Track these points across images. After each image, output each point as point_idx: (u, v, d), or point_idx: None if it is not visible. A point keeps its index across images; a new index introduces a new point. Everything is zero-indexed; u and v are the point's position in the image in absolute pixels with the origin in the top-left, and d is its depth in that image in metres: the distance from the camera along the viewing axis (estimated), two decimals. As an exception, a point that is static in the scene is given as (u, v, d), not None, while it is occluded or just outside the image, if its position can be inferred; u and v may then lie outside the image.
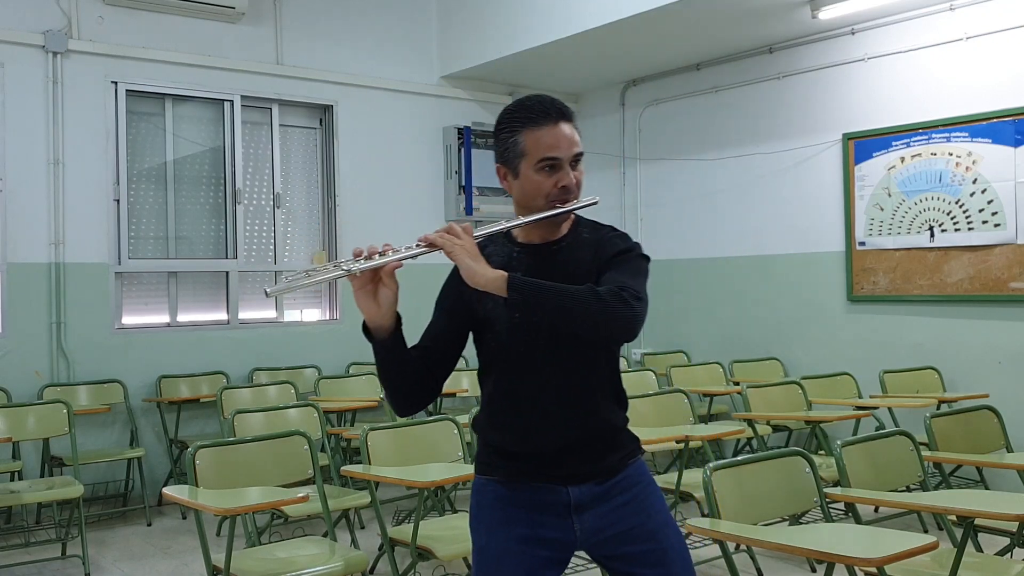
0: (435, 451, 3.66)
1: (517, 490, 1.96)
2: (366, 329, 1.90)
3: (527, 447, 1.96)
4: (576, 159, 1.94)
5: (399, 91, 6.82)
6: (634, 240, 2.01)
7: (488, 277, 1.80)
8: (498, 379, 1.99)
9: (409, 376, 1.95)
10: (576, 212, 1.98)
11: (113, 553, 4.62)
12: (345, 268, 1.81)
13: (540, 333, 1.92)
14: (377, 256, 1.86)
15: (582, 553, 2.06)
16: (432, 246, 1.84)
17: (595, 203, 1.98)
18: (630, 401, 2.08)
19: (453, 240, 1.83)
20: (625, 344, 2.08)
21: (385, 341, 1.89)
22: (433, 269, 1.93)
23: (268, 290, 1.82)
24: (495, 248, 2.01)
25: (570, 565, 3.95)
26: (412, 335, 2.01)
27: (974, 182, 5.23)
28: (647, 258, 1.96)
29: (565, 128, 1.92)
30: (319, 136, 6.66)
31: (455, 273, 1.95)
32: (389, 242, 1.93)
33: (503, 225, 1.94)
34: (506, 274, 1.80)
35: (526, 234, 2.01)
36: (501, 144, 1.96)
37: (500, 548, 1.95)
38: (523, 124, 1.92)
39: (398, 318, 1.91)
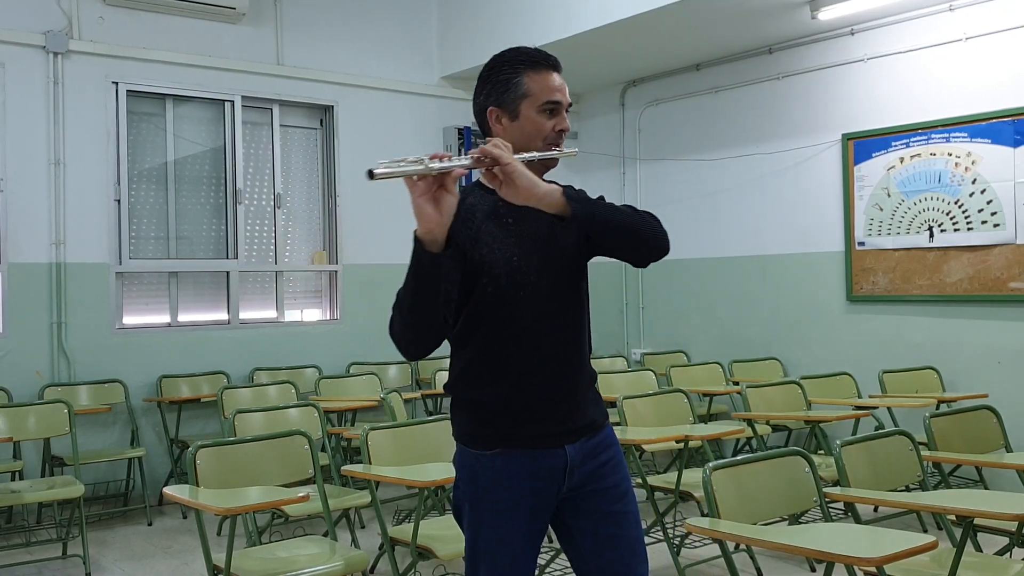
0: (435, 451, 3.66)
1: (517, 461, 1.95)
2: (418, 242, 1.80)
3: (525, 396, 1.95)
4: (567, 108, 2.03)
5: (399, 91, 6.82)
6: None
7: (546, 190, 1.81)
8: (492, 328, 1.94)
9: (437, 306, 1.84)
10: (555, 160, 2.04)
11: (114, 553, 4.63)
12: (425, 165, 1.76)
13: (541, 274, 1.95)
14: (446, 159, 1.81)
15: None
16: (487, 155, 1.81)
17: (575, 154, 2.06)
18: (630, 400, 2.11)
19: (506, 153, 1.82)
20: (625, 343, 2.10)
21: (437, 255, 1.79)
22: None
23: (374, 171, 1.70)
24: (476, 199, 1.99)
25: (560, 565, 3.96)
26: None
27: (973, 182, 5.24)
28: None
29: (559, 77, 2.01)
30: (319, 136, 6.67)
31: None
32: (443, 152, 1.91)
33: (529, 155, 1.92)
34: (561, 187, 1.83)
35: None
36: (500, 85, 1.99)
37: (507, 530, 1.96)
38: (525, 67, 1.98)
39: (450, 238, 1.82)
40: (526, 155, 1.90)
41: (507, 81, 1.98)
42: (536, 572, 2.06)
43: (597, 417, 2.05)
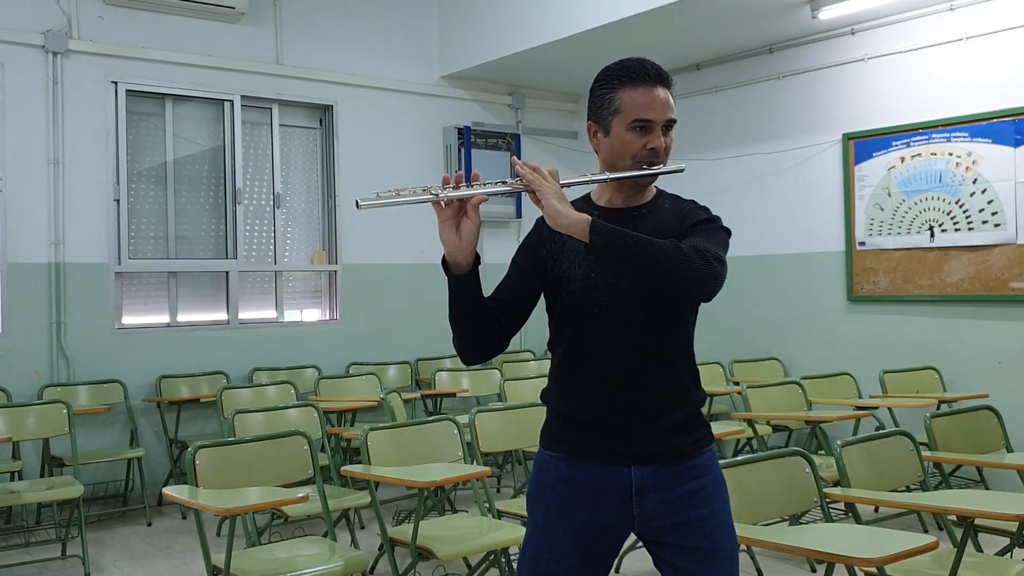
0: (435, 451, 3.66)
1: (579, 469, 1.94)
2: (445, 264, 1.88)
3: (595, 413, 1.93)
4: (668, 125, 1.94)
5: (399, 91, 6.82)
6: (716, 214, 2.00)
7: (572, 219, 1.79)
8: (570, 341, 1.96)
9: (480, 319, 1.91)
10: (659, 181, 2.00)
11: (113, 553, 4.62)
12: (433, 194, 1.78)
13: (616, 293, 1.92)
14: (464, 187, 1.82)
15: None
16: (522, 180, 1.81)
17: (681, 170, 1.97)
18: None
19: (540, 180, 1.82)
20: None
21: (461, 277, 1.86)
22: (431, 269, 1.91)
23: (360, 200, 1.74)
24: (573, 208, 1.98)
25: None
26: (412, 338, 2.02)
27: (974, 182, 5.23)
28: (728, 231, 1.97)
29: (661, 92, 1.93)
30: (319, 136, 6.66)
31: (535, 229, 1.96)
32: (471, 176, 1.88)
33: (588, 177, 1.93)
34: (589, 218, 1.79)
35: (607, 197, 2.00)
36: (596, 101, 1.97)
37: (557, 531, 1.94)
38: (621, 82, 1.93)
39: (477, 257, 1.88)
40: (574, 180, 1.91)
41: (602, 96, 1.96)
42: None
43: (683, 446, 1.94)
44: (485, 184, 1.84)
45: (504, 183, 1.86)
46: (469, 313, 1.90)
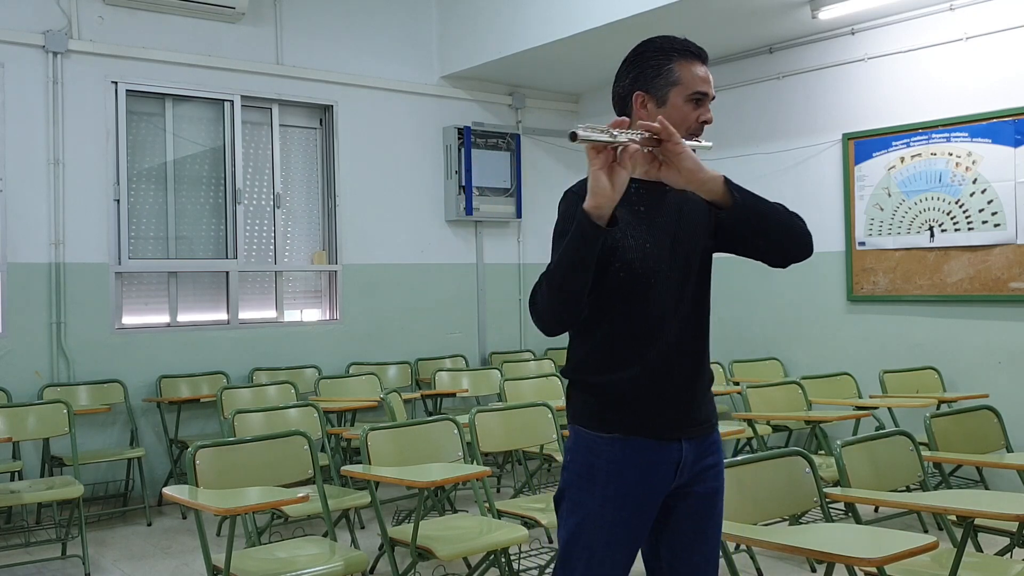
0: (435, 451, 3.66)
1: (635, 448, 1.95)
2: (585, 216, 1.77)
3: (653, 383, 1.95)
4: (711, 100, 2.03)
5: (399, 91, 6.82)
6: None
7: (711, 175, 1.82)
8: (621, 314, 1.95)
9: (588, 282, 1.83)
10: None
11: (113, 553, 4.62)
12: (612, 135, 1.73)
13: (671, 264, 1.96)
14: (625, 132, 1.78)
15: None
16: (656, 133, 1.78)
17: (710, 147, 2.03)
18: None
19: (678, 136, 1.81)
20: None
21: (602, 231, 1.77)
22: (432, 269, 1.90)
23: (578, 131, 1.68)
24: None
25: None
26: (412, 338, 2.01)
27: (974, 182, 5.23)
28: None
29: (707, 70, 2.04)
30: (319, 136, 6.66)
31: (575, 203, 1.86)
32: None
33: (696, 142, 1.95)
34: (723, 177, 1.83)
35: (643, 169, 1.94)
36: (650, 70, 2.00)
37: (614, 515, 1.95)
38: (678, 55, 1.99)
39: (614, 216, 1.80)
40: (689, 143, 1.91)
41: (658, 67, 1.99)
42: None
43: (712, 417, 2.06)
44: (635, 134, 1.79)
45: (646, 129, 1.80)
46: (586, 273, 1.81)
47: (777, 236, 1.92)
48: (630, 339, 1.96)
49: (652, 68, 2.00)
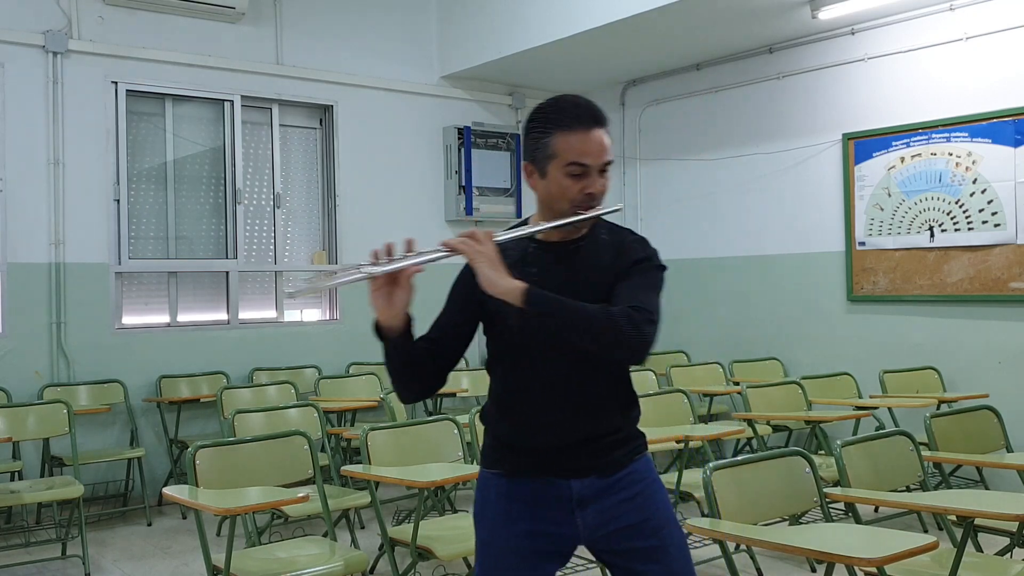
0: (435, 451, 3.66)
1: (520, 484, 1.98)
2: (377, 326, 1.93)
3: (531, 441, 1.97)
4: (605, 167, 1.92)
5: (399, 91, 6.82)
6: (652, 247, 2.01)
7: (506, 287, 1.80)
8: (506, 372, 2.02)
9: (414, 371, 1.98)
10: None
11: (113, 553, 4.62)
12: (366, 272, 1.82)
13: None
14: (396, 258, 1.86)
15: (583, 551, 2.07)
16: (453, 251, 1.83)
17: (618, 210, 1.98)
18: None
19: (474, 246, 1.83)
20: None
21: (394, 340, 1.92)
22: (431, 269, 1.91)
23: (290, 290, 1.84)
24: (509, 244, 1.98)
25: (570, 564, 3.94)
26: (419, 333, 2.02)
27: (974, 182, 5.23)
28: (664, 268, 1.98)
29: (597, 135, 1.90)
30: (319, 136, 6.66)
31: (469, 268, 1.95)
32: (399, 242, 1.90)
33: (527, 230, 1.93)
34: (524, 285, 1.80)
35: (545, 232, 2.00)
36: (532, 142, 1.95)
37: (502, 544, 1.98)
38: (556, 125, 1.90)
39: (408, 318, 1.93)
40: (510, 235, 1.91)
41: (538, 139, 1.92)
42: None
43: (620, 457, 1.99)
44: (420, 254, 1.84)
45: (437, 251, 1.85)
46: (403, 367, 1.96)
47: (574, 341, 1.82)
48: (512, 395, 2.00)
49: (534, 139, 1.93)
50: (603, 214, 1.94)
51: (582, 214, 1.90)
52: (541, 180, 1.94)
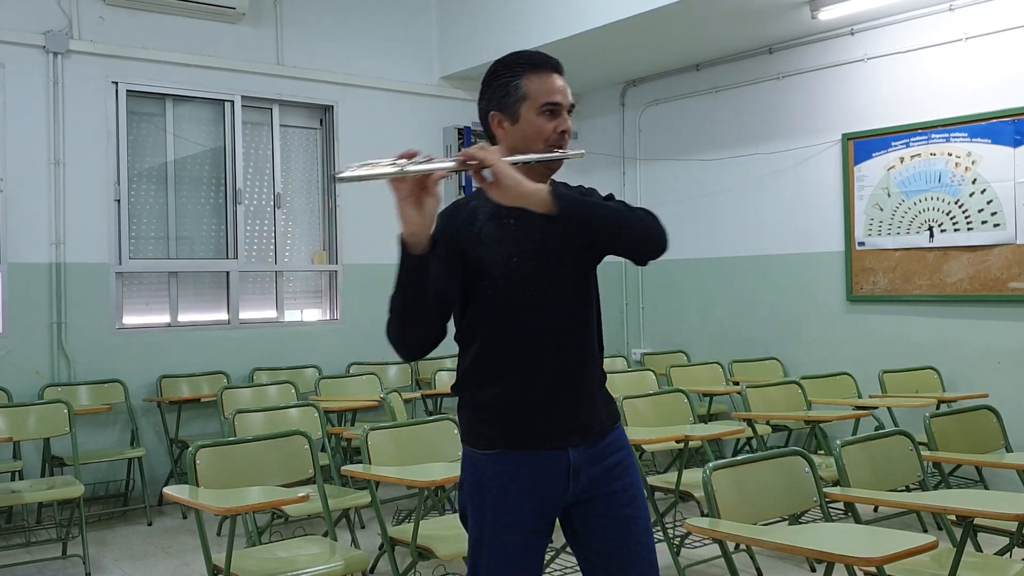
0: (435, 451, 3.66)
1: (518, 460, 1.95)
2: (403, 243, 1.83)
3: (527, 396, 1.95)
4: (570, 110, 2.01)
5: (399, 91, 6.82)
6: None
7: (531, 188, 1.79)
8: (493, 329, 1.96)
9: (426, 307, 1.87)
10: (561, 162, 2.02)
11: (114, 553, 4.63)
12: (399, 166, 1.77)
13: (540, 276, 1.95)
14: (421, 160, 1.80)
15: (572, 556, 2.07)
16: (472, 159, 1.78)
17: (582, 155, 2.03)
18: (630, 400, 2.10)
19: (493, 155, 1.80)
20: (625, 343, 2.09)
21: (420, 257, 1.81)
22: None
23: (339, 174, 1.79)
24: (480, 202, 1.98)
25: (569, 564, 3.94)
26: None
27: (973, 182, 5.23)
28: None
29: (560, 79, 2.01)
30: (319, 136, 6.67)
31: (445, 221, 1.92)
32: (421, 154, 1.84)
33: (525, 157, 1.91)
34: (549, 187, 1.81)
35: None
36: (499, 90, 1.99)
37: (501, 532, 1.95)
38: (524, 70, 1.98)
39: (433, 237, 1.84)
40: (521, 157, 1.90)
41: (506, 85, 1.98)
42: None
43: (605, 420, 2.04)
44: (443, 160, 1.81)
45: (457, 160, 1.81)
46: (419, 299, 1.85)
47: (609, 238, 1.88)
48: (501, 354, 1.96)
49: (501, 87, 1.99)
50: (572, 155, 2.00)
51: (559, 152, 1.97)
52: (512, 125, 1.98)
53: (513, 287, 1.94)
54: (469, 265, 1.94)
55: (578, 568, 2.09)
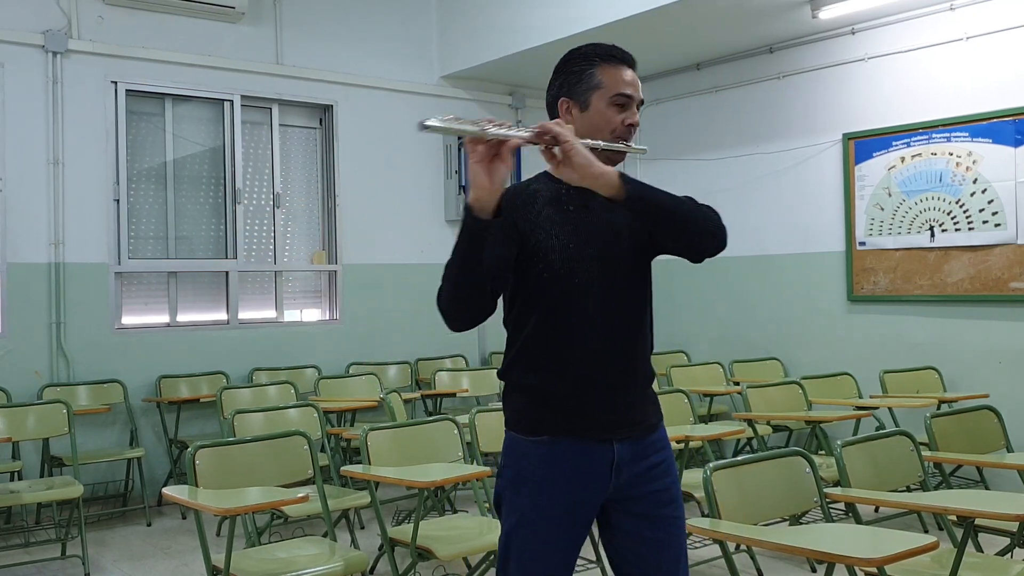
0: (435, 451, 3.66)
1: (563, 448, 1.94)
2: (468, 209, 1.83)
3: (577, 384, 1.94)
4: (639, 105, 2.03)
5: (399, 91, 6.81)
6: None
7: (601, 170, 1.79)
8: (546, 314, 1.95)
9: (482, 276, 1.86)
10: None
11: (113, 553, 4.62)
12: (481, 127, 1.76)
13: (596, 264, 1.95)
14: (499, 123, 1.80)
15: (585, 551, 2.06)
16: (548, 132, 1.79)
17: (644, 151, 2.07)
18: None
19: (569, 134, 1.80)
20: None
21: (485, 223, 1.81)
22: (432, 269, 1.91)
23: (424, 122, 1.74)
24: (541, 185, 2.00)
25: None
26: (412, 338, 2.01)
27: (974, 182, 5.23)
28: None
29: (633, 73, 2.03)
30: (319, 136, 6.66)
31: (506, 201, 1.88)
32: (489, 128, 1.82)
33: (592, 142, 1.90)
34: (618, 171, 1.82)
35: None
36: (573, 76, 2.01)
37: (543, 517, 1.94)
38: (600, 60, 2.01)
39: (498, 207, 1.84)
40: (590, 141, 1.89)
41: (580, 72, 2.00)
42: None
43: (652, 417, 2.03)
44: (520, 130, 1.81)
45: (534, 129, 1.82)
46: (476, 264, 1.83)
47: (673, 228, 1.88)
48: (553, 340, 1.95)
49: (575, 74, 2.01)
50: (635, 149, 2.03)
51: (623, 144, 1.97)
52: (581, 113, 1.99)
53: (569, 273, 1.94)
54: (526, 247, 1.94)
55: (589, 566, 2.08)
